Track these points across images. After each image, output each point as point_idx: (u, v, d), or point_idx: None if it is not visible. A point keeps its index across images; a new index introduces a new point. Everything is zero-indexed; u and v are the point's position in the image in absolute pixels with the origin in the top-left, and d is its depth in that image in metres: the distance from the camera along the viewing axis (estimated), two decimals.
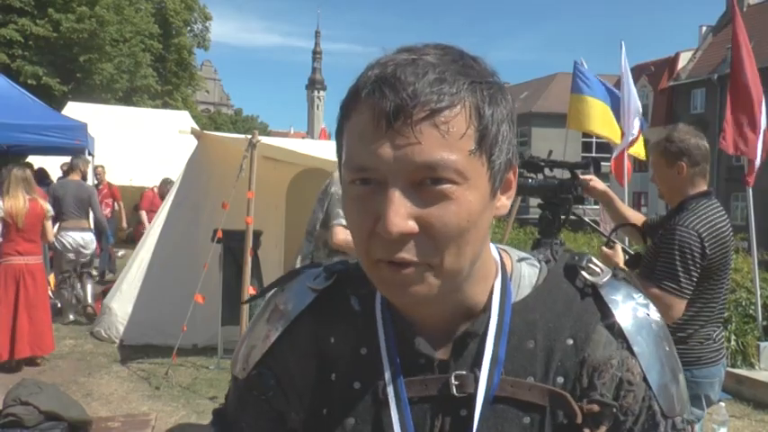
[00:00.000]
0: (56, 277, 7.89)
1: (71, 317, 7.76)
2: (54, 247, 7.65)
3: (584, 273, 0.86)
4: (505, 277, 0.86)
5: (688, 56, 33.97)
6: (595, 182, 3.18)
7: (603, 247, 3.18)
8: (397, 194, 0.70)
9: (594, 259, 0.88)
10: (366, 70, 0.74)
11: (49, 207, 6.34)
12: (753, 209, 6.74)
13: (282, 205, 7.52)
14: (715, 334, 2.95)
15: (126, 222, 12.09)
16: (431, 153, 0.70)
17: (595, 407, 0.80)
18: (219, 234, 5.86)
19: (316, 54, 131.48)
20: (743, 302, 6.70)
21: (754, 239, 6.69)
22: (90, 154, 10.15)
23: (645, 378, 0.82)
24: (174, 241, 6.91)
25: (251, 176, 5.66)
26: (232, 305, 5.91)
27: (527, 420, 0.80)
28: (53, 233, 6.54)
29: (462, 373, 0.81)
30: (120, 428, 3.44)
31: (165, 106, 29.66)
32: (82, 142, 9.52)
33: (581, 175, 3.15)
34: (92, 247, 8.20)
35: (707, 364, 2.91)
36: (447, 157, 0.70)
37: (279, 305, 0.92)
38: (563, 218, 3.27)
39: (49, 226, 6.38)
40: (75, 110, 14.10)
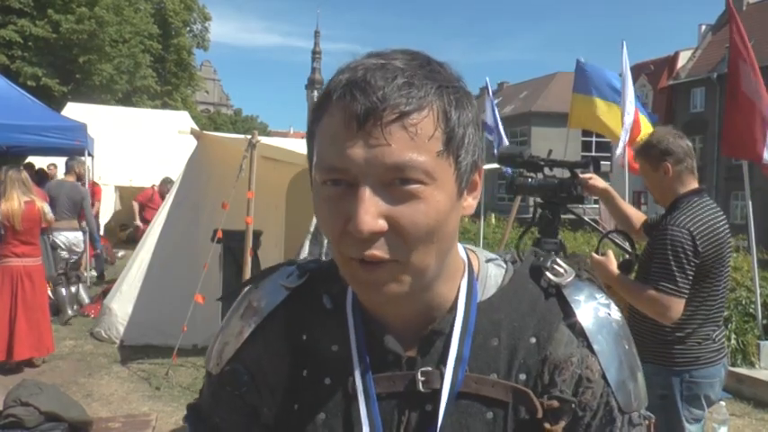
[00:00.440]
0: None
1: (70, 312, 7.78)
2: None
3: (548, 273, 0.89)
4: (472, 277, 0.88)
5: (687, 55, 33.97)
6: (595, 179, 3.19)
7: (593, 254, 3.18)
8: (367, 194, 0.72)
9: (559, 260, 0.91)
10: (337, 74, 0.76)
11: (48, 210, 6.33)
12: (752, 208, 6.74)
13: (282, 205, 7.52)
14: (715, 334, 2.93)
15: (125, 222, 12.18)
16: (400, 154, 0.72)
17: (555, 403, 0.82)
18: (219, 234, 5.85)
19: (315, 54, 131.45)
20: (743, 301, 6.70)
21: (754, 238, 6.69)
22: (90, 154, 10.16)
23: (604, 375, 0.85)
24: (174, 241, 6.91)
25: (251, 176, 5.66)
26: (232, 305, 5.90)
27: (490, 416, 0.82)
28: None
29: (428, 369, 0.84)
30: (121, 429, 3.44)
31: (164, 107, 29.66)
32: (81, 143, 9.53)
33: (581, 174, 3.16)
34: (82, 246, 8.33)
35: (706, 364, 2.89)
36: (415, 158, 0.72)
37: (252, 302, 0.94)
38: (537, 219, 3.24)
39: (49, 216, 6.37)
40: (74, 110, 14.10)
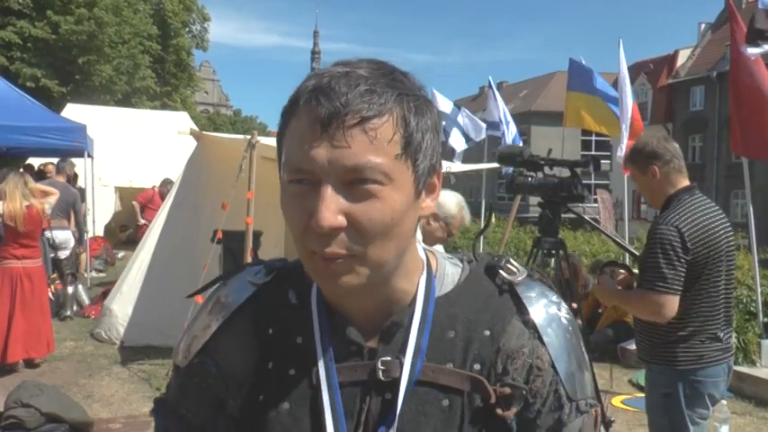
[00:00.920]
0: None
1: (68, 312, 7.87)
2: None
3: (502, 272, 0.95)
4: (430, 274, 0.94)
5: (687, 53, 33.91)
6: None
7: (596, 283, 3.22)
8: (328, 192, 0.78)
9: (512, 260, 0.97)
10: (305, 81, 0.82)
11: (48, 209, 6.32)
12: (752, 206, 6.73)
13: None
14: (722, 334, 2.91)
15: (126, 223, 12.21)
16: (360, 156, 0.77)
17: (507, 389, 0.88)
18: (219, 235, 5.84)
19: (315, 54, 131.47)
20: (744, 300, 6.70)
21: (754, 237, 6.68)
22: (89, 155, 10.15)
23: (553, 365, 0.91)
24: (174, 242, 6.90)
25: (250, 177, 5.65)
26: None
27: (446, 403, 0.88)
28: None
29: (388, 359, 0.88)
30: (122, 430, 3.44)
31: (163, 107, 29.65)
32: (81, 144, 9.53)
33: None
34: (70, 245, 8.51)
35: (710, 363, 2.88)
36: (374, 160, 0.78)
37: (220, 298, 0.98)
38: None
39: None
40: (74, 112, 14.10)
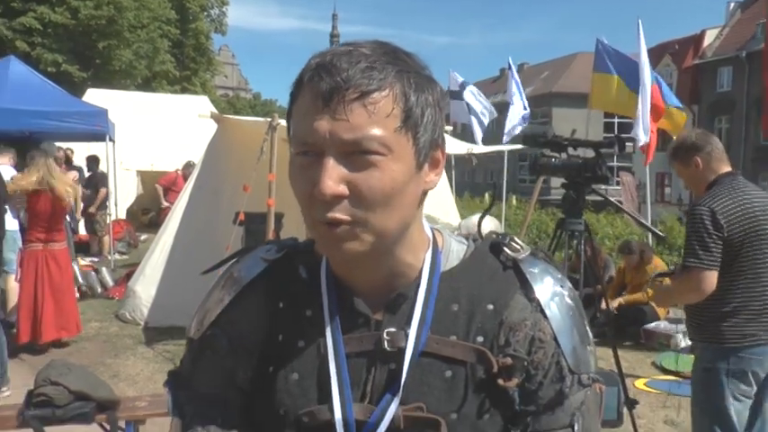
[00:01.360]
0: None
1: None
2: None
3: (506, 249, 0.97)
4: (436, 250, 0.97)
5: (714, 33, 33.19)
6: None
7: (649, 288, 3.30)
8: (330, 162, 0.82)
9: (516, 238, 0.99)
10: (309, 60, 0.85)
11: (72, 192, 6.37)
12: None
13: None
14: None
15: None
16: (359, 129, 0.81)
17: (509, 360, 0.90)
18: (241, 217, 5.88)
19: (333, 37, 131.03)
20: None
21: None
22: (111, 139, 10.23)
23: (555, 338, 0.93)
24: (196, 224, 6.95)
25: (272, 159, 5.67)
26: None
27: (449, 373, 0.90)
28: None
29: (393, 330, 0.91)
30: (147, 408, 3.47)
31: (183, 91, 29.77)
32: (102, 128, 9.59)
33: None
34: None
35: (755, 341, 2.92)
36: (373, 133, 0.81)
37: (233, 273, 1.02)
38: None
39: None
40: (95, 96, 14.17)
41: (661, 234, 3.42)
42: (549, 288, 0.95)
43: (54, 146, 8.26)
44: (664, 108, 8.12)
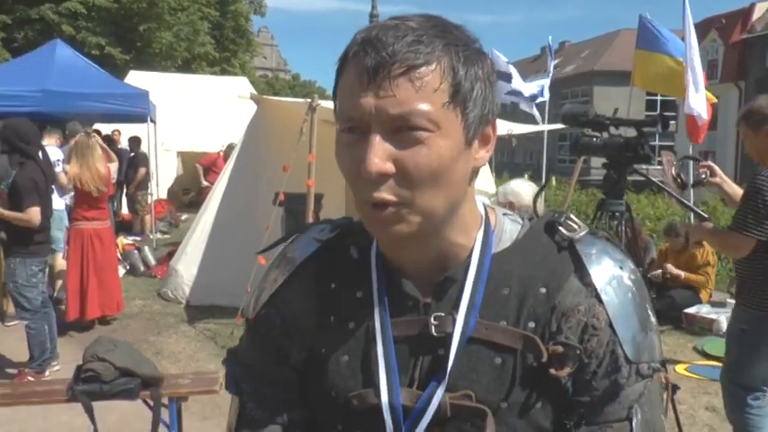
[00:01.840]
0: None
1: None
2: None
3: (561, 228, 0.93)
4: (488, 229, 0.93)
5: (764, 6, 31.94)
6: (713, 176, 3.53)
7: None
8: (376, 139, 0.79)
9: (573, 216, 0.95)
10: (354, 36, 0.83)
11: (113, 173, 6.50)
12: None
13: None
14: None
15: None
16: (406, 104, 0.78)
17: (560, 348, 0.86)
18: (281, 197, 5.92)
19: (373, 18, 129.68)
20: None
21: None
22: (152, 121, 10.39)
23: (611, 324, 0.88)
24: (236, 205, 7.03)
25: (311, 140, 5.69)
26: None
27: (498, 361, 0.87)
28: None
29: (441, 314, 0.89)
30: (190, 385, 3.55)
31: (223, 73, 29.95)
32: (144, 109, 9.76)
33: (701, 165, 3.54)
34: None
35: None
36: (420, 108, 0.79)
37: (287, 254, 1.02)
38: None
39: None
40: (136, 78, 14.38)
41: (704, 215, 3.38)
42: (607, 270, 0.90)
43: (78, 125, 8.36)
44: (706, 84, 7.85)
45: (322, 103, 5.88)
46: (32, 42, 19.28)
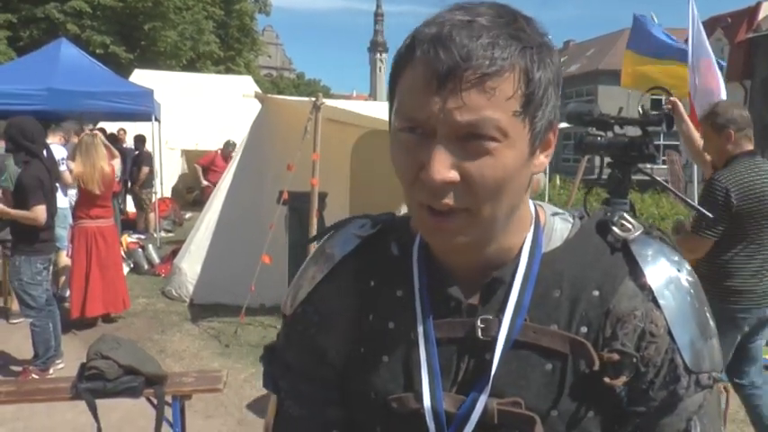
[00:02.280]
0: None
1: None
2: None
3: (615, 228, 0.88)
4: (538, 229, 0.89)
5: None
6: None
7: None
8: (441, 146, 0.75)
9: (627, 216, 0.90)
10: (423, 26, 0.78)
11: (117, 172, 6.51)
12: None
13: (347, 167, 7.55)
14: (756, 281, 3.39)
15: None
16: (476, 112, 0.74)
17: (615, 356, 0.82)
18: (285, 196, 5.92)
19: (377, 16, 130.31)
20: None
21: None
22: (156, 119, 10.40)
23: (669, 331, 0.83)
24: (241, 203, 7.03)
25: (315, 138, 5.68)
26: (298, 266, 5.94)
27: (549, 367, 0.83)
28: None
29: (488, 317, 0.85)
30: (194, 384, 3.55)
31: (227, 72, 29.93)
32: (149, 108, 9.77)
33: (669, 101, 3.76)
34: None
35: (749, 305, 3.39)
36: (490, 117, 0.74)
37: (326, 249, 0.99)
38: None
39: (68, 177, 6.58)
40: (141, 77, 14.39)
41: (709, 214, 3.39)
42: (664, 273, 0.85)
43: (73, 124, 8.33)
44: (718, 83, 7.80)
45: (326, 101, 5.88)
46: (37, 41, 19.33)
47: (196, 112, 14.24)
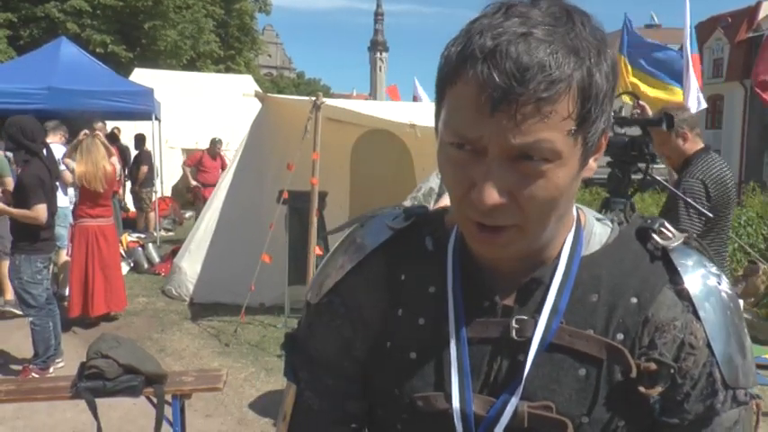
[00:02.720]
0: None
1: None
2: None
3: (655, 236, 0.87)
4: (579, 232, 0.87)
5: None
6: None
7: None
8: (493, 168, 0.73)
9: (667, 224, 0.88)
10: (475, 34, 0.72)
11: (118, 171, 6.52)
12: None
13: (347, 166, 7.55)
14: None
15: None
16: (530, 135, 0.71)
17: (653, 365, 0.80)
18: (285, 195, 5.92)
19: (378, 16, 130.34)
20: None
21: None
22: (156, 118, 10.40)
23: (708, 344, 0.81)
24: (240, 202, 7.03)
25: (315, 138, 5.68)
26: (298, 265, 5.99)
27: (582, 372, 0.81)
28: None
29: (524, 318, 0.83)
30: (193, 383, 3.55)
31: (227, 71, 29.92)
32: (149, 107, 9.77)
33: (638, 104, 3.72)
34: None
35: None
36: (545, 139, 0.72)
37: (357, 239, 0.96)
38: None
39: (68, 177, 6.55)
40: (141, 76, 14.36)
41: (709, 213, 3.43)
42: (704, 284, 0.83)
43: (58, 123, 8.28)
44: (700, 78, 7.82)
45: (326, 101, 5.88)
46: (38, 40, 19.34)
47: (196, 111, 14.21)
